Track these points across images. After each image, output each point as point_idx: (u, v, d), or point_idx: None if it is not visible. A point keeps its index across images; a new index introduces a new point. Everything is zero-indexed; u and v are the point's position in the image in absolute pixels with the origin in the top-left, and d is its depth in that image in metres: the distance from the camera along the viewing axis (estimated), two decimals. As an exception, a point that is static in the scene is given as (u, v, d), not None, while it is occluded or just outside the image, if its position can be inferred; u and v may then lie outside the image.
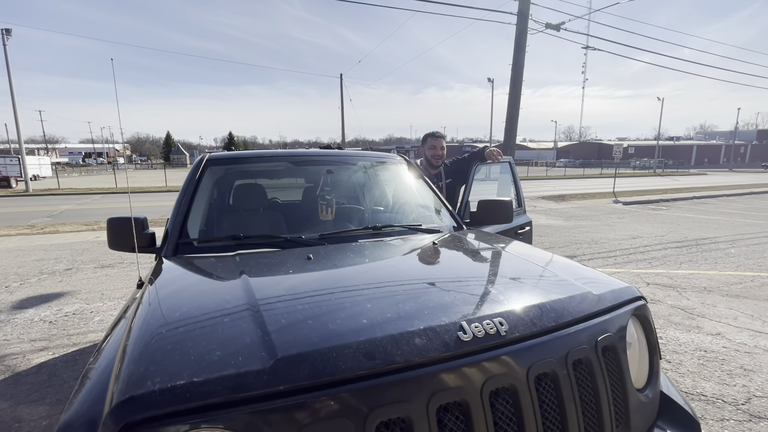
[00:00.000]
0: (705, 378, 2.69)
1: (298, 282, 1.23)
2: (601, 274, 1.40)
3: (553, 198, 15.79)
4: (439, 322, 0.93)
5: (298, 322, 0.94)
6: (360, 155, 2.54)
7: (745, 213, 11.36)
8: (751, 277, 5.00)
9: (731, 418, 2.26)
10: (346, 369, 0.80)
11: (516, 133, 10.82)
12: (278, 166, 2.36)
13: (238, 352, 0.82)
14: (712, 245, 6.99)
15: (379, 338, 0.87)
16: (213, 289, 1.23)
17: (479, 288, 1.21)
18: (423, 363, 0.84)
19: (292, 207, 2.30)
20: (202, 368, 0.77)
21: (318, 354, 0.82)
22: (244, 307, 1.02)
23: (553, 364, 0.95)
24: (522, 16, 10.15)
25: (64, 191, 20.46)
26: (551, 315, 1.04)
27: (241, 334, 0.89)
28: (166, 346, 0.85)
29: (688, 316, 3.75)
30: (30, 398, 2.69)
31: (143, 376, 0.76)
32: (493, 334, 0.93)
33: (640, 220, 10.09)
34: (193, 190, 1.95)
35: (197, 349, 0.83)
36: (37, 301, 4.61)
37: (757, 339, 3.25)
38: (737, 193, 17.30)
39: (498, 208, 2.36)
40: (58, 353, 3.34)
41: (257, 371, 0.77)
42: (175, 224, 1.80)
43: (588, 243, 7.30)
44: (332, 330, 0.89)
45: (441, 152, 3.26)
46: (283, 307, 1.02)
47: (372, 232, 1.88)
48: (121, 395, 0.72)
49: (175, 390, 0.72)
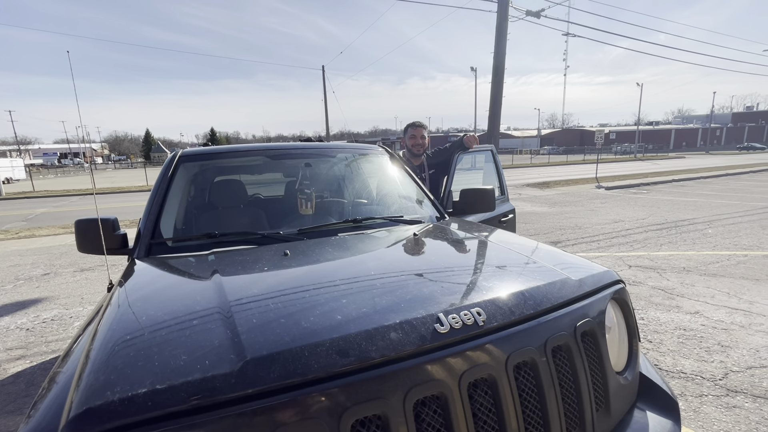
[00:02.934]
0: (684, 356, 2.76)
1: (273, 280, 1.19)
2: (581, 259, 1.40)
3: (538, 185, 15.97)
4: (415, 315, 0.91)
5: (270, 321, 0.90)
6: (339, 147, 2.49)
7: (722, 194, 11.70)
8: (728, 256, 5.15)
9: (709, 393, 2.33)
10: (318, 368, 0.77)
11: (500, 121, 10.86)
12: (254, 160, 2.30)
13: (204, 356, 0.78)
14: (691, 226, 7.18)
15: (353, 334, 0.84)
16: (184, 291, 1.18)
17: (458, 278, 1.19)
18: (399, 358, 0.82)
19: (270, 202, 2.25)
20: (166, 375, 0.73)
21: (289, 353, 0.78)
22: (215, 309, 0.97)
23: (533, 352, 0.94)
24: (502, 4, 10.12)
25: (39, 194, 19.75)
26: (530, 302, 1.03)
27: (210, 337, 0.85)
28: (130, 353, 0.81)
29: (668, 297, 3.85)
30: (6, 409, 2.59)
31: (103, 385, 0.72)
32: (470, 325, 0.91)
33: (622, 204, 10.29)
34: (165, 188, 1.88)
35: (162, 355, 0.79)
36: (13, 309, 4.46)
37: (733, 316, 3.35)
38: (714, 175, 17.80)
39: (480, 197, 2.35)
40: (36, 361, 3.23)
41: (224, 374, 0.73)
42: (147, 224, 1.73)
43: (572, 228, 7.42)
44: (305, 328, 0.86)
45: (421, 141, 3.24)
46: (255, 307, 0.98)
47: (352, 225, 1.85)
48: (79, 407, 0.68)
49: (135, 399, 0.68)
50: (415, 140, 3.21)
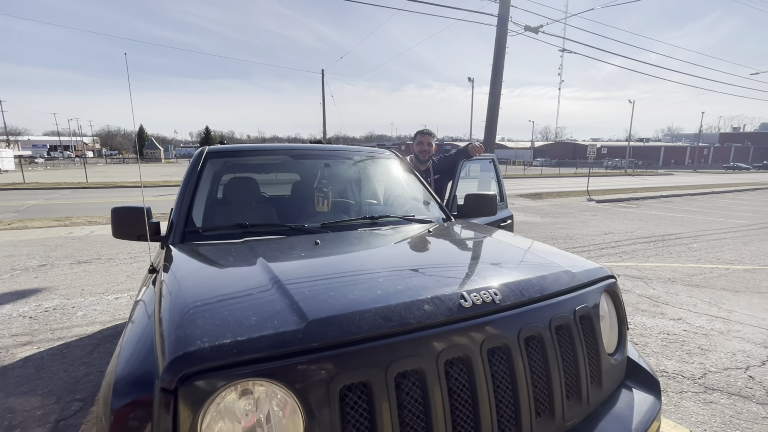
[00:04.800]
0: (667, 357, 2.96)
1: (312, 262, 1.35)
2: (578, 257, 1.58)
3: (531, 196, 16.31)
4: (443, 292, 1.08)
5: (320, 293, 1.06)
6: (355, 150, 2.65)
7: (707, 211, 12.11)
8: (710, 269, 5.42)
9: (689, 390, 2.52)
10: (367, 329, 0.93)
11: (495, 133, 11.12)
12: (277, 159, 2.45)
13: (272, 317, 0.93)
14: (677, 240, 7.47)
15: (393, 305, 1.00)
16: (233, 268, 1.33)
17: (475, 266, 1.36)
18: (432, 325, 0.99)
19: (292, 198, 2.40)
20: (243, 330, 0.88)
21: (343, 317, 0.94)
22: (267, 281, 1.13)
23: (540, 328, 1.12)
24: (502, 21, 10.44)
25: (30, 185, 19.49)
26: (536, 288, 1.20)
27: (271, 303, 1.00)
28: (206, 315, 0.96)
29: (653, 304, 4.07)
30: (20, 390, 2.67)
31: (190, 337, 0.86)
32: (489, 302, 1.08)
33: (612, 217, 10.61)
34: (195, 181, 2.02)
35: (234, 316, 0.94)
36: (13, 297, 4.47)
37: (713, 323, 3.57)
38: (700, 193, 18.35)
39: (483, 202, 2.53)
40: (43, 347, 3.29)
41: (293, 331, 0.89)
42: (180, 214, 1.87)
43: (563, 238, 7.66)
44: (351, 299, 1.02)
45: (428, 148, 3.42)
46: (304, 282, 1.14)
47: (369, 222, 2.01)
48: (175, 352, 0.82)
49: (222, 347, 0.83)
50: (422, 147, 3.39)
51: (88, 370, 2.91)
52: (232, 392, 0.82)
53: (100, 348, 3.25)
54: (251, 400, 0.83)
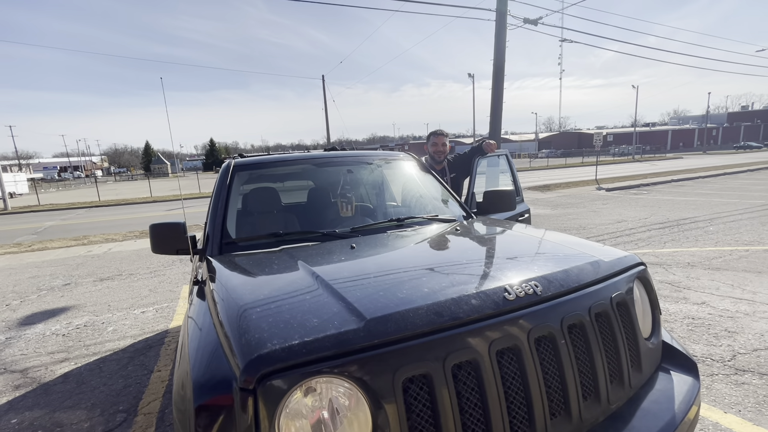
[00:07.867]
0: (694, 341, 2.97)
1: (353, 265, 1.41)
2: (608, 247, 1.62)
3: (539, 188, 16.24)
4: (488, 287, 1.14)
5: (371, 294, 1.12)
6: (374, 155, 2.72)
7: (721, 193, 11.96)
8: (730, 251, 5.37)
9: (719, 372, 2.53)
10: (423, 324, 0.99)
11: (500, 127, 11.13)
12: (300, 168, 2.52)
13: (332, 318, 0.99)
14: (692, 224, 7.41)
15: (443, 300, 1.06)
16: (279, 274, 1.39)
17: (511, 260, 1.42)
18: (481, 318, 1.04)
19: (318, 206, 2.47)
20: (308, 331, 0.95)
21: (398, 314, 1.00)
22: (317, 285, 1.19)
23: (580, 315, 1.17)
24: (501, 15, 10.45)
25: (45, 207, 19.93)
26: (573, 278, 1.25)
27: (328, 305, 1.06)
28: (267, 319, 1.02)
29: (675, 289, 4.06)
30: (64, 405, 2.77)
31: (260, 340, 0.93)
32: (531, 294, 1.13)
33: (624, 204, 10.54)
34: (226, 195, 2.10)
35: (295, 319, 1.01)
36: (44, 317, 4.61)
37: (738, 305, 3.56)
38: (712, 174, 18.11)
39: (502, 198, 2.57)
40: (80, 363, 3.41)
41: (354, 330, 0.95)
42: (215, 226, 1.95)
43: (576, 229, 7.64)
44: (402, 297, 1.08)
45: (442, 148, 3.47)
46: (352, 284, 1.20)
47: (396, 224, 2.06)
48: (250, 354, 0.89)
49: (293, 348, 0.89)
50: (437, 147, 3.45)
51: (127, 382, 3.01)
52: (304, 388, 0.88)
53: (135, 361, 3.35)
54: (321, 395, 0.90)
